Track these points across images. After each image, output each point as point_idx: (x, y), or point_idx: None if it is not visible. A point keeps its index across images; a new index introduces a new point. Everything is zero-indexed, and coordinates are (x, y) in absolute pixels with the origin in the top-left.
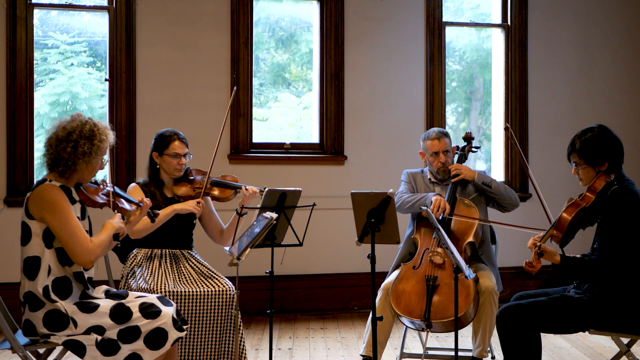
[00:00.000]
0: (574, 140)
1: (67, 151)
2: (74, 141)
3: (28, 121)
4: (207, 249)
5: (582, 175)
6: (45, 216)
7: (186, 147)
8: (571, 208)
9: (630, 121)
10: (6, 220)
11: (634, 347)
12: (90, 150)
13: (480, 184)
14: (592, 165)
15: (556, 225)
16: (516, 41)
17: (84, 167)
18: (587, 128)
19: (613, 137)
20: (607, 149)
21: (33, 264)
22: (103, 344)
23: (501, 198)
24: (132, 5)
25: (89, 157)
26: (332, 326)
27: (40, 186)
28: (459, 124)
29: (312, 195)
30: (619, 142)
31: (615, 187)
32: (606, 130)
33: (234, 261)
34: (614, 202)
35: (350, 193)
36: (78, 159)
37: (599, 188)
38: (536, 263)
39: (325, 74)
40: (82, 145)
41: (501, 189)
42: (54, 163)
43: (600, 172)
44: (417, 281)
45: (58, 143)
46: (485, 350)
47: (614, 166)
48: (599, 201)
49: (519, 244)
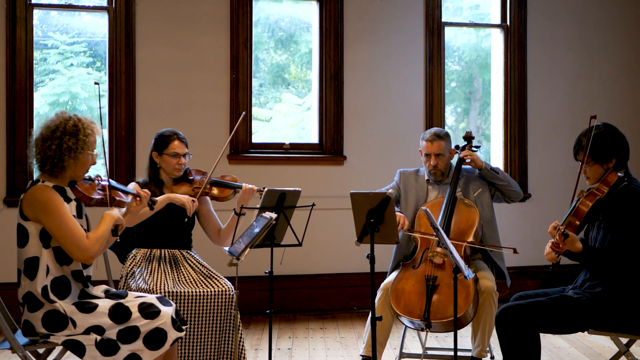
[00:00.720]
0: (580, 138)
1: (52, 149)
2: (58, 138)
3: (28, 121)
4: (207, 249)
5: (589, 174)
6: (40, 217)
7: (186, 147)
8: (590, 197)
9: (629, 121)
10: (6, 221)
11: (633, 347)
12: (76, 146)
13: (489, 169)
14: (600, 162)
15: (575, 212)
16: (515, 41)
17: (73, 164)
18: (593, 126)
19: (619, 133)
20: (613, 145)
21: (32, 264)
22: (102, 344)
23: (507, 186)
24: (131, 6)
25: (76, 153)
26: (331, 326)
27: (33, 187)
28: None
29: (312, 195)
30: (624, 139)
31: (625, 184)
32: (611, 127)
33: (233, 261)
34: (621, 200)
35: (350, 193)
36: (64, 156)
37: (612, 182)
38: (562, 244)
39: (325, 74)
40: (67, 141)
41: (507, 177)
42: (42, 163)
43: (609, 169)
44: (417, 281)
45: (43, 142)
46: (485, 350)
47: (621, 162)
48: (609, 195)
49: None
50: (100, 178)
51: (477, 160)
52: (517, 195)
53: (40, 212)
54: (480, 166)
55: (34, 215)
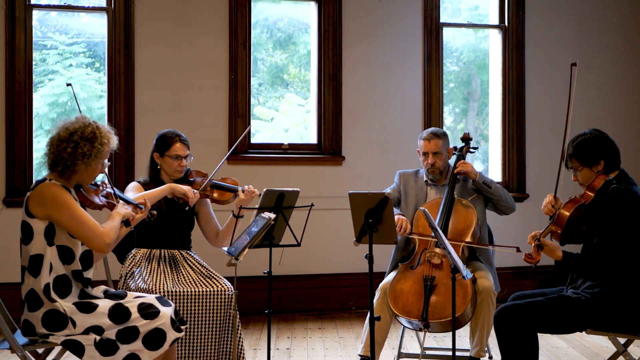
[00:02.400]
0: (568, 145)
1: (68, 151)
2: (74, 142)
3: (27, 122)
4: (205, 249)
5: (581, 179)
6: (51, 213)
7: (187, 149)
8: (570, 204)
9: (626, 122)
10: (5, 221)
11: (630, 347)
12: (91, 153)
13: (482, 183)
14: (588, 165)
15: (555, 220)
16: (513, 42)
17: (84, 169)
18: (580, 133)
19: (605, 137)
20: (599, 147)
21: (37, 261)
22: (102, 344)
23: (499, 200)
24: (130, 7)
25: (89, 159)
26: (330, 326)
27: (41, 185)
28: (456, 125)
29: (310, 195)
30: (611, 141)
31: (614, 186)
32: (598, 132)
33: (232, 261)
34: (614, 201)
35: (348, 193)
36: (77, 160)
37: (598, 186)
38: (535, 255)
39: (323, 74)
40: (83, 146)
41: (500, 191)
42: (54, 163)
43: (599, 172)
44: (415, 281)
45: (59, 143)
46: (483, 350)
47: (611, 165)
48: (598, 199)
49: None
50: (105, 185)
51: (470, 172)
52: (508, 210)
53: (51, 207)
54: (473, 178)
55: (44, 212)
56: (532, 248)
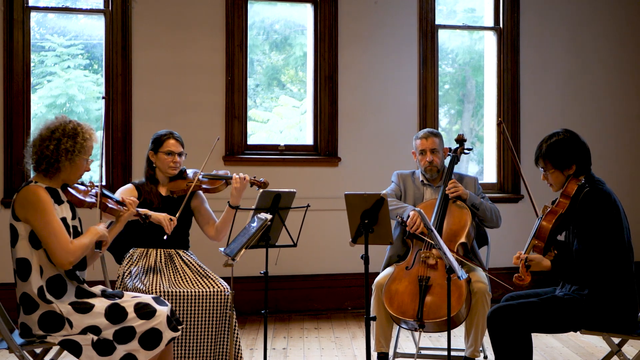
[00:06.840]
0: (541, 144)
1: (50, 149)
2: (56, 139)
3: (25, 123)
4: (203, 249)
5: (551, 181)
6: (28, 217)
7: (181, 146)
8: (550, 216)
9: (621, 123)
10: (3, 221)
11: (625, 347)
12: (74, 149)
13: (470, 205)
14: (560, 168)
15: (537, 235)
16: (508, 44)
17: (68, 166)
18: (553, 133)
19: (579, 140)
20: (573, 151)
21: (23, 265)
22: (99, 344)
23: (484, 219)
24: (127, 8)
25: (72, 156)
26: (326, 326)
27: (26, 187)
28: (451, 126)
29: (306, 196)
30: (584, 145)
31: (587, 190)
32: (571, 134)
33: (228, 262)
34: (588, 204)
35: (344, 194)
36: (61, 157)
37: (572, 192)
38: (525, 276)
39: (319, 76)
40: (65, 142)
41: (487, 213)
42: (38, 162)
43: (570, 176)
44: (410, 282)
45: (41, 142)
46: (478, 350)
47: (582, 168)
48: (573, 205)
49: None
50: (93, 184)
51: (462, 194)
52: (493, 227)
53: (29, 211)
54: (465, 197)
55: (23, 215)
56: (521, 269)
